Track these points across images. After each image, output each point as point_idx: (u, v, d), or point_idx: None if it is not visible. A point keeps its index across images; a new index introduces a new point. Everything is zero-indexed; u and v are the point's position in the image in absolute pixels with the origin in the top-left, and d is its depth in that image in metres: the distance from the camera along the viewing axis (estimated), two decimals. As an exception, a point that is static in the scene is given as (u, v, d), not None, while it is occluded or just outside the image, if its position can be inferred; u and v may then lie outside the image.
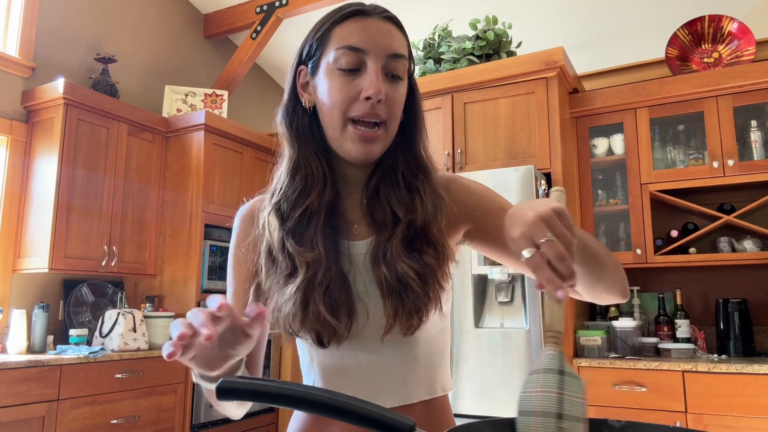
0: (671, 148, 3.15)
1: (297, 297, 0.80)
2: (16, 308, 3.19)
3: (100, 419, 2.98)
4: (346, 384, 0.85)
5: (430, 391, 0.87)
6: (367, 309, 0.83)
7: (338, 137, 0.83)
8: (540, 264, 0.58)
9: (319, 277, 0.80)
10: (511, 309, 2.77)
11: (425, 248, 0.83)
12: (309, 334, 0.82)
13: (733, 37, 3.11)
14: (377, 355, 0.84)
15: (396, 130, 0.86)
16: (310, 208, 0.84)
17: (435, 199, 0.86)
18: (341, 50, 0.81)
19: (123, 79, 3.90)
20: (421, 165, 0.88)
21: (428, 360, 0.87)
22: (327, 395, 0.54)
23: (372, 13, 0.84)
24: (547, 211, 0.60)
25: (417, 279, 0.80)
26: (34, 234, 3.25)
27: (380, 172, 0.87)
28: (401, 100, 0.85)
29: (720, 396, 2.46)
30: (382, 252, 0.83)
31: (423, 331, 0.84)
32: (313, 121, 0.87)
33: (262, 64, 5.11)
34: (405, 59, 0.85)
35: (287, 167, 0.87)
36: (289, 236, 0.83)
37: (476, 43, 3.32)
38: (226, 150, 3.93)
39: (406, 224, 0.83)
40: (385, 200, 0.86)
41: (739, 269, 3.01)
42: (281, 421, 4.13)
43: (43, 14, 3.56)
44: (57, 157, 3.23)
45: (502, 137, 3.09)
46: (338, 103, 0.81)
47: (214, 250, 3.75)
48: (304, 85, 0.88)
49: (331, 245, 0.84)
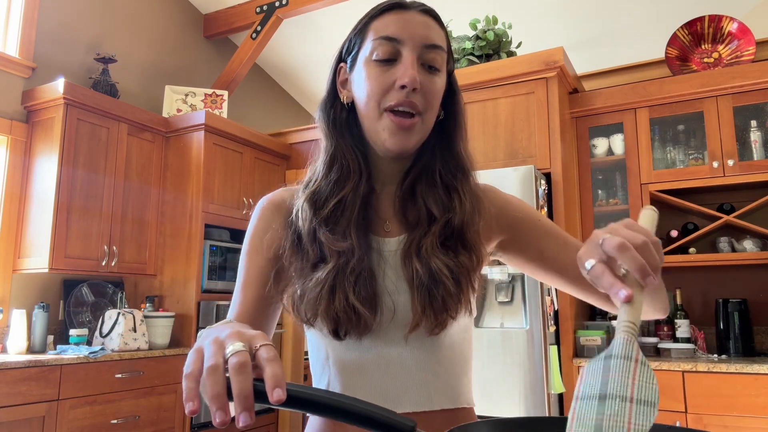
0: (671, 148, 3.15)
1: (325, 283, 0.79)
2: (16, 308, 3.19)
3: (100, 419, 2.98)
4: (366, 382, 0.82)
5: (454, 400, 0.84)
6: (395, 304, 0.81)
7: (374, 128, 0.83)
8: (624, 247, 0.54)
9: (350, 266, 0.80)
10: (511, 309, 2.77)
11: (460, 249, 0.82)
12: (328, 322, 0.79)
13: (733, 37, 3.11)
14: (399, 354, 0.82)
15: (432, 122, 0.85)
16: (344, 199, 0.84)
17: (473, 200, 0.85)
18: (377, 41, 0.81)
19: (123, 79, 3.90)
20: (459, 165, 0.87)
21: (452, 366, 0.85)
22: (325, 395, 0.53)
23: (410, 6, 0.84)
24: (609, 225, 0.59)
25: (450, 277, 0.80)
26: (34, 234, 3.24)
27: (417, 170, 0.87)
28: (438, 91, 0.84)
29: (720, 396, 2.46)
30: (416, 247, 0.82)
31: (447, 335, 0.83)
32: (351, 117, 0.87)
33: (262, 64, 5.11)
34: (442, 51, 0.83)
35: (324, 159, 0.87)
36: (321, 226, 0.82)
37: (476, 43, 3.32)
38: (226, 150, 3.93)
39: (444, 223, 0.83)
40: (422, 199, 0.85)
41: (739, 269, 3.01)
42: (281, 422, 4.13)
43: (43, 14, 3.56)
44: (57, 157, 3.23)
45: (502, 137, 3.09)
46: (373, 93, 0.81)
47: (214, 250, 3.74)
48: (343, 82, 0.88)
49: (364, 238, 0.83)
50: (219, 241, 3.81)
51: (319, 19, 4.48)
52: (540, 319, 2.68)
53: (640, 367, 0.51)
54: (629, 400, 0.49)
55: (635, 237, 0.56)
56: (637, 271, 0.54)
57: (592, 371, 0.52)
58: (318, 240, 0.82)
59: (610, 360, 0.52)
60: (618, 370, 0.51)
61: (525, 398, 2.65)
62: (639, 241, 0.55)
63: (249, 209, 4.03)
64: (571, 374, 2.80)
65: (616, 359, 0.52)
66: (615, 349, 0.52)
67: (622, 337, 0.53)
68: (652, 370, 0.51)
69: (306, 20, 4.53)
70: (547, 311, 2.75)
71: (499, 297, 2.79)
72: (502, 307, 2.79)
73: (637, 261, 0.54)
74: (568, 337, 2.85)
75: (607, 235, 0.57)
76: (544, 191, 2.88)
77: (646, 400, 0.49)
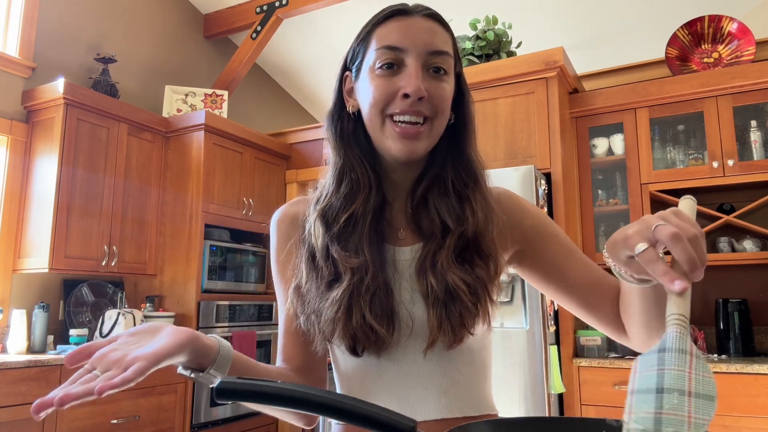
0: (671, 148, 3.15)
1: (341, 303, 0.78)
2: (16, 308, 3.19)
3: (100, 419, 2.98)
4: (385, 393, 0.82)
5: (476, 407, 0.83)
6: (412, 318, 0.80)
7: (379, 137, 0.82)
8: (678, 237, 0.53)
9: (365, 283, 0.79)
10: (511, 309, 2.77)
11: (477, 260, 0.81)
12: (346, 341, 0.79)
13: (733, 37, 3.11)
14: (419, 367, 0.81)
15: (443, 127, 0.83)
16: (355, 213, 0.82)
17: (486, 208, 0.84)
18: (380, 50, 0.80)
19: (123, 79, 3.90)
20: (471, 172, 0.86)
21: (472, 374, 0.84)
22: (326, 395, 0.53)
23: (413, 11, 0.82)
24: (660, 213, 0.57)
25: (467, 291, 0.78)
26: (34, 234, 3.24)
27: (428, 179, 0.85)
28: (446, 95, 0.82)
29: (720, 396, 2.44)
30: (431, 262, 0.80)
31: (467, 344, 0.82)
32: (359, 127, 0.86)
33: (262, 64, 5.11)
34: (448, 56, 0.82)
35: (333, 174, 0.86)
36: (334, 242, 0.82)
37: (476, 43, 3.32)
38: (226, 150, 3.93)
39: (458, 235, 0.81)
40: (434, 209, 0.84)
41: (739, 269, 3.01)
42: (281, 422, 4.12)
43: (43, 14, 3.55)
44: (57, 157, 3.23)
45: (502, 137, 3.09)
46: (376, 102, 0.80)
47: (214, 250, 3.74)
48: (349, 91, 0.87)
49: (377, 251, 0.82)
50: (219, 241, 3.81)
51: (319, 19, 4.48)
52: (540, 319, 2.68)
53: (695, 360, 0.50)
54: (687, 394, 0.48)
55: (688, 229, 0.54)
56: (688, 263, 0.53)
57: (647, 364, 0.51)
58: (331, 257, 0.82)
59: (664, 353, 0.51)
60: (674, 363, 0.50)
61: (525, 398, 2.65)
62: (691, 233, 0.54)
63: (249, 209, 4.03)
64: (570, 374, 2.81)
65: (671, 352, 0.50)
66: (668, 342, 0.51)
67: (675, 330, 0.52)
68: (707, 364, 0.50)
69: (306, 20, 4.53)
70: (547, 311, 2.75)
71: (499, 297, 2.78)
72: (502, 307, 2.79)
73: (689, 253, 0.52)
74: (568, 337, 2.85)
75: (660, 221, 0.55)
76: (544, 191, 2.88)
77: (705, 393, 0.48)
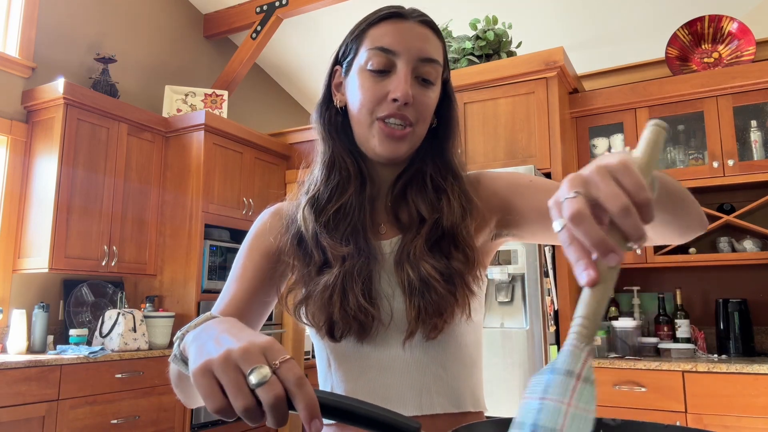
0: (671, 148, 3.15)
1: (335, 287, 0.80)
2: (16, 308, 3.19)
3: (100, 419, 2.97)
4: (367, 387, 0.83)
5: (457, 404, 0.83)
6: (392, 309, 0.82)
7: (365, 134, 0.83)
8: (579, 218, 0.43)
9: (352, 272, 0.81)
10: (511, 309, 2.77)
11: (453, 252, 0.82)
12: (326, 325, 0.81)
13: (733, 37, 3.11)
14: (400, 358, 0.82)
15: (424, 133, 0.85)
16: (346, 204, 0.85)
17: (464, 201, 0.85)
18: (373, 51, 0.82)
19: (123, 79, 3.90)
20: (450, 169, 0.88)
21: (456, 370, 0.84)
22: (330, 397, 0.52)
23: (409, 16, 0.84)
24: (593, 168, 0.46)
25: (441, 280, 0.79)
26: (34, 234, 3.24)
27: (408, 175, 0.87)
28: (431, 104, 0.84)
29: (720, 396, 2.46)
30: (406, 252, 0.82)
31: (452, 337, 0.82)
32: (345, 121, 0.88)
33: (262, 64, 5.10)
34: (438, 64, 0.84)
35: (322, 163, 0.88)
36: (323, 230, 0.84)
37: (476, 43, 3.32)
38: (226, 150, 3.92)
39: (432, 224, 0.83)
40: (411, 201, 0.86)
41: (739, 269, 3.01)
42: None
43: (43, 14, 3.55)
44: (57, 157, 3.22)
45: (502, 137, 3.09)
46: (366, 103, 0.81)
47: (214, 250, 3.74)
48: (337, 85, 0.89)
49: (364, 242, 0.84)
50: (219, 241, 3.81)
51: (319, 19, 4.48)
52: (540, 319, 2.68)
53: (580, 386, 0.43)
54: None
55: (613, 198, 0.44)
56: (595, 248, 0.43)
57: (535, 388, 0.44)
58: (320, 244, 0.83)
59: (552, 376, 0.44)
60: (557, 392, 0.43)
61: (525, 398, 2.65)
62: (618, 206, 0.43)
63: (249, 209, 4.03)
64: (571, 374, 2.80)
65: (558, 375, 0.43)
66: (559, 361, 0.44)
67: (571, 342, 0.44)
68: (593, 392, 0.43)
69: (306, 20, 4.53)
70: (547, 311, 2.75)
71: (499, 297, 2.79)
72: (502, 307, 2.79)
73: (594, 236, 0.43)
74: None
75: (571, 193, 0.45)
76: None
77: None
